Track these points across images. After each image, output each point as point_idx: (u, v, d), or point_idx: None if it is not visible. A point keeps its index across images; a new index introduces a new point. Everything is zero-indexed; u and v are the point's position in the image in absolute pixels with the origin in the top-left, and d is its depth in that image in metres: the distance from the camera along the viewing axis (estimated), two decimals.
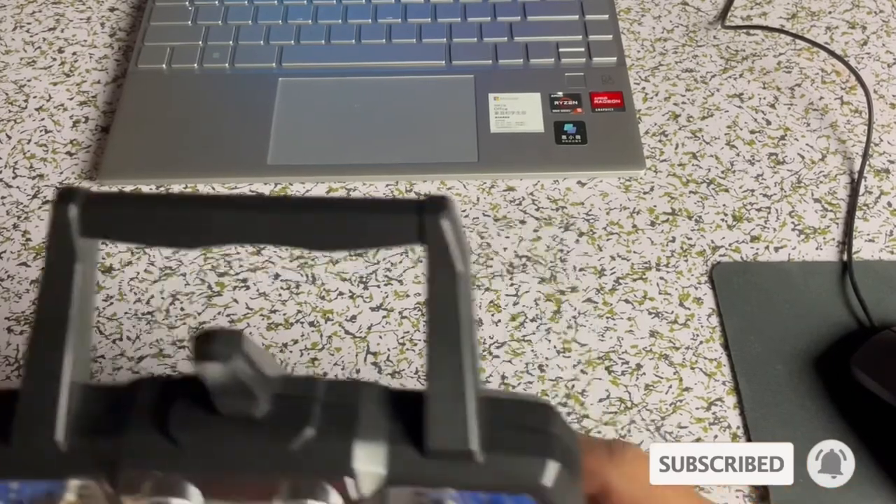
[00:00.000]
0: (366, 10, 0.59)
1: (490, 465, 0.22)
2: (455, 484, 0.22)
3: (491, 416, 0.23)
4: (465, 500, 0.23)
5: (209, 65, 0.55)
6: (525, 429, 0.23)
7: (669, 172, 0.52)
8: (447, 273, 0.22)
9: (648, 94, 0.56)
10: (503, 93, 0.54)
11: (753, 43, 0.59)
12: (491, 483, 0.23)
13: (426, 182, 0.51)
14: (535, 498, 0.23)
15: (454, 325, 0.22)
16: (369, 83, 0.55)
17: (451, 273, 0.22)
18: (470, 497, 0.23)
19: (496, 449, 0.22)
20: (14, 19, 0.60)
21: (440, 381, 0.22)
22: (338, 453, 0.21)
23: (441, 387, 0.22)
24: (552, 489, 0.22)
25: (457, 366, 0.22)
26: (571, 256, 0.48)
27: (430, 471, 0.22)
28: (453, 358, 0.22)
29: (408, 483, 0.22)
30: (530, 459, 0.22)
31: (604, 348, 0.45)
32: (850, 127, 0.54)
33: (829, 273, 0.47)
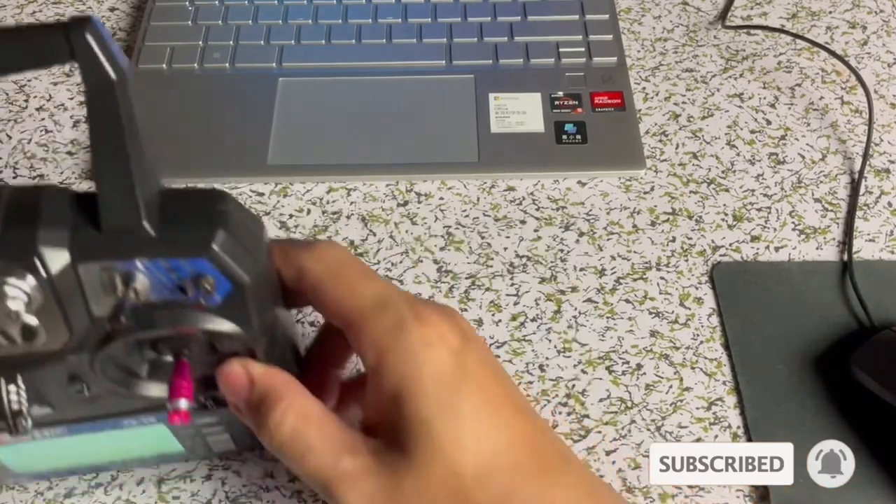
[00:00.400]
0: (366, 10, 0.59)
1: (163, 236, 0.27)
2: (132, 255, 0.27)
3: (166, 201, 0.27)
4: (150, 270, 0.27)
5: (209, 65, 0.55)
6: (196, 207, 0.28)
7: (670, 172, 0.52)
8: (103, 83, 0.24)
9: (649, 94, 0.56)
10: (503, 93, 0.54)
11: (754, 43, 0.59)
12: (165, 251, 0.27)
13: (426, 182, 0.51)
14: (211, 262, 0.27)
15: (117, 127, 0.25)
16: (369, 83, 0.55)
17: (106, 82, 0.24)
18: (153, 266, 0.27)
19: (168, 223, 0.27)
20: (14, 19, 0.60)
21: (108, 173, 0.26)
22: (24, 239, 0.26)
23: (109, 178, 0.26)
24: (222, 254, 0.27)
25: (122, 158, 0.25)
26: (572, 256, 0.48)
27: (108, 246, 0.27)
28: (118, 153, 0.25)
29: (90, 259, 0.27)
30: (199, 228, 0.27)
31: (604, 348, 0.45)
32: (851, 127, 0.54)
33: (829, 273, 0.48)
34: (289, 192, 0.51)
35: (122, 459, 0.39)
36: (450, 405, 0.28)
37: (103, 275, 0.27)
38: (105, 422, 0.34)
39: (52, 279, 0.26)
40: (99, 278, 0.27)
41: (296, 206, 0.50)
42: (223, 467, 0.40)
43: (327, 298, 0.31)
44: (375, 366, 0.29)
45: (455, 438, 0.28)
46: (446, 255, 0.48)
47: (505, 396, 0.30)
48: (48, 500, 0.39)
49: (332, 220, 0.49)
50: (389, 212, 0.50)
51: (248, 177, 0.51)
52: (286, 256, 0.31)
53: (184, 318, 0.29)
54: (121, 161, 0.26)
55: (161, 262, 0.27)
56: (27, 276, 0.26)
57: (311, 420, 0.30)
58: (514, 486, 0.29)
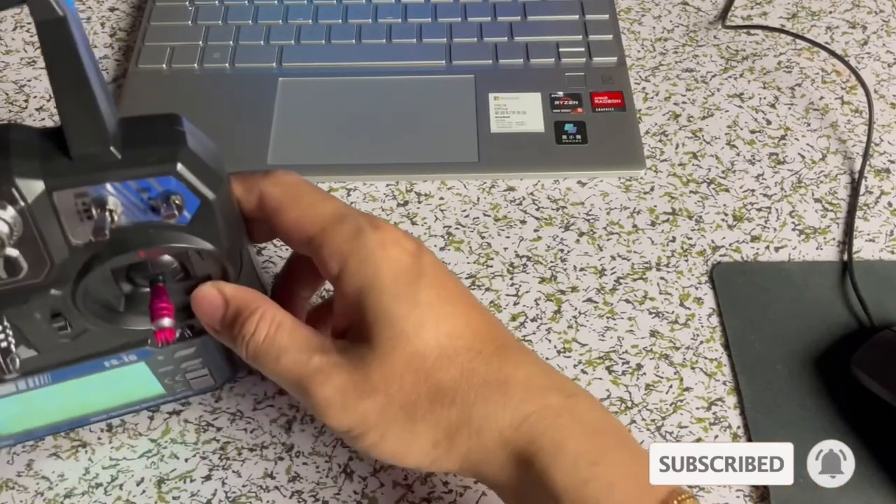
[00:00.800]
0: (366, 9, 0.59)
1: (129, 158, 0.28)
2: (103, 178, 0.28)
3: (126, 128, 0.29)
4: (122, 192, 0.29)
5: (209, 65, 0.55)
6: (156, 130, 0.29)
7: (670, 172, 0.52)
8: (54, 20, 0.25)
9: (649, 94, 0.56)
10: (503, 93, 0.54)
11: (754, 43, 0.59)
12: (133, 172, 0.28)
13: (426, 182, 0.51)
14: (177, 179, 0.29)
15: (75, 59, 0.26)
16: (369, 83, 0.55)
17: (57, 19, 0.25)
18: (124, 188, 0.29)
19: (132, 146, 0.28)
20: (14, 19, 0.60)
21: (71, 104, 0.27)
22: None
23: (73, 108, 0.27)
24: (187, 170, 0.29)
25: (84, 88, 0.27)
26: (572, 256, 0.48)
27: (80, 171, 0.28)
28: (79, 84, 0.26)
29: (63, 185, 0.28)
30: (162, 147, 0.29)
31: (604, 348, 0.45)
32: (851, 127, 0.54)
33: (829, 273, 0.47)
34: None
35: (105, 408, 0.40)
36: (409, 295, 0.30)
37: (77, 202, 0.29)
38: (88, 365, 0.36)
39: (29, 207, 0.28)
40: (74, 205, 0.29)
41: None
42: (223, 467, 0.41)
43: (288, 219, 0.32)
44: (338, 272, 0.31)
45: (416, 323, 0.30)
46: (446, 255, 0.48)
47: (460, 292, 0.32)
48: (48, 500, 0.39)
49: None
50: (389, 212, 0.50)
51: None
52: (245, 184, 0.33)
53: (158, 238, 0.30)
54: (83, 91, 0.27)
55: (131, 183, 0.29)
56: (7, 207, 0.27)
57: (283, 326, 0.32)
58: (475, 364, 0.30)
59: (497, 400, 0.30)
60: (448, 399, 0.30)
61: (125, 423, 0.42)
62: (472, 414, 0.30)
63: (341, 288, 0.31)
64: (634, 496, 0.29)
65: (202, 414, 0.42)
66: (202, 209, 0.30)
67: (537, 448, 0.29)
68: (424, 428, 0.30)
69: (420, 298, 0.31)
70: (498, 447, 0.30)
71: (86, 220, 0.29)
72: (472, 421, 0.30)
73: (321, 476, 0.40)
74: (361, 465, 0.41)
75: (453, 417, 0.30)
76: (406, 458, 0.31)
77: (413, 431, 0.30)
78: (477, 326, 0.32)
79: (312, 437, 0.42)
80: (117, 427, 0.42)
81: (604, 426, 0.31)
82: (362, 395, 0.30)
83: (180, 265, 0.34)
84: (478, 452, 0.30)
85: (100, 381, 0.37)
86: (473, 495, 0.40)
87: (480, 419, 0.30)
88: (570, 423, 0.30)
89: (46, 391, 0.36)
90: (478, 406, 0.30)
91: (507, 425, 0.30)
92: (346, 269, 0.31)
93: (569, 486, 0.28)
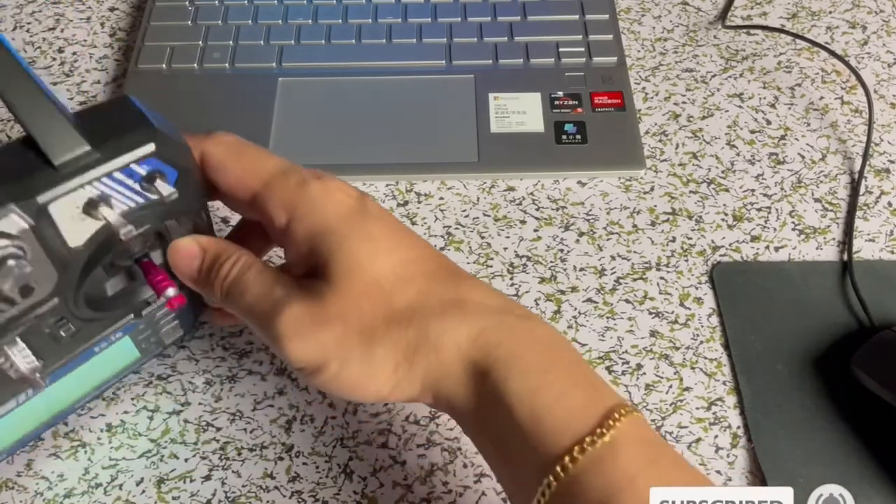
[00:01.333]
0: (366, 9, 0.59)
1: (108, 152, 0.30)
2: (90, 178, 0.29)
3: (89, 122, 0.30)
4: (111, 186, 0.30)
5: (209, 65, 0.55)
6: (118, 117, 0.31)
7: (670, 172, 0.52)
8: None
9: (649, 94, 0.56)
10: (503, 93, 0.54)
11: (754, 43, 0.59)
12: (117, 164, 0.30)
13: (426, 182, 0.51)
14: (157, 158, 0.31)
15: (24, 75, 0.27)
16: (369, 83, 0.55)
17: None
18: (112, 181, 0.30)
19: (105, 139, 0.30)
20: (14, 19, 0.60)
21: (37, 118, 0.28)
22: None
23: (40, 120, 0.28)
24: (161, 149, 0.31)
25: (41, 99, 0.28)
26: (571, 256, 0.48)
27: (67, 178, 0.29)
28: (35, 95, 0.28)
29: (57, 196, 0.29)
30: (133, 134, 0.30)
31: (604, 348, 0.45)
32: (851, 127, 0.54)
33: (829, 273, 0.47)
34: None
35: (88, 391, 0.40)
36: (359, 230, 0.32)
37: (73, 207, 0.30)
38: (81, 356, 0.37)
39: (33, 228, 0.28)
40: (69, 212, 0.30)
41: None
42: (223, 467, 0.40)
43: (231, 176, 0.34)
44: (287, 222, 0.32)
45: (370, 253, 0.31)
46: (447, 254, 0.48)
47: (406, 229, 0.34)
48: (48, 500, 0.39)
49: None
50: (389, 212, 0.50)
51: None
52: (191, 143, 0.34)
53: (153, 218, 0.32)
54: (41, 101, 0.28)
55: (117, 174, 0.30)
56: (13, 233, 0.28)
57: (252, 266, 0.33)
58: (431, 287, 0.31)
59: (454, 315, 0.31)
60: (405, 319, 0.31)
61: (125, 424, 0.42)
62: (429, 331, 0.30)
63: (291, 237, 0.32)
64: (582, 405, 0.29)
65: (202, 414, 0.42)
66: (181, 179, 0.32)
67: (493, 359, 0.30)
68: (383, 352, 0.31)
69: (371, 233, 0.32)
70: (455, 361, 0.30)
71: (80, 222, 0.30)
72: (430, 337, 0.30)
73: (321, 476, 0.40)
74: (361, 465, 0.41)
75: (411, 336, 0.30)
76: (367, 387, 0.31)
77: (372, 356, 0.31)
78: (428, 254, 0.33)
79: (312, 437, 0.42)
80: (117, 427, 0.42)
81: (556, 343, 0.31)
82: (321, 325, 0.30)
83: (157, 236, 0.35)
84: (437, 369, 0.31)
85: (90, 368, 0.38)
86: (473, 496, 0.40)
87: (437, 335, 0.30)
88: (525, 337, 0.31)
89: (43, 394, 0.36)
90: (434, 323, 0.30)
91: (465, 339, 0.30)
92: (294, 218, 0.32)
93: (522, 395, 0.29)
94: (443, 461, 0.41)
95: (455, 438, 0.41)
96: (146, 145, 0.30)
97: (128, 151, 0.30)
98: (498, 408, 0.29)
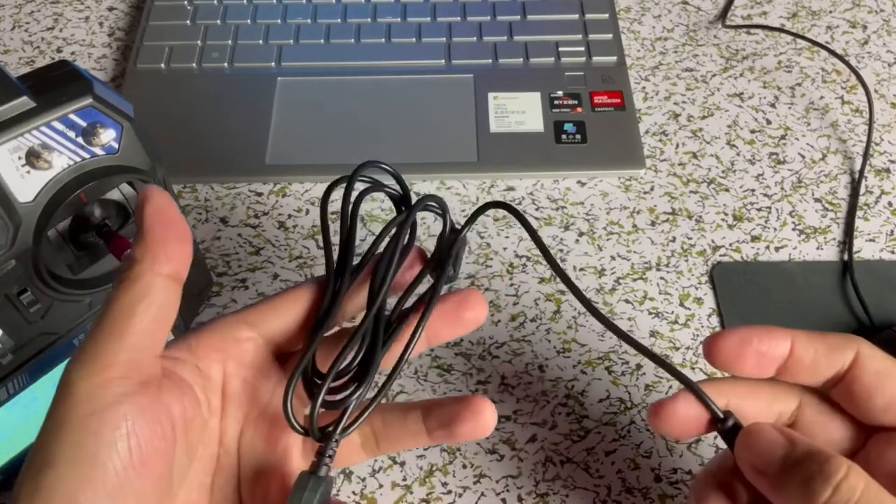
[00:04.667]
0: (365, 9, 0.59)
1: (45, 103, 0.30)
2: (29, 126, 0.30)
3: (29, 82, 0.31)
4: (50, 136, 0.31)
5: (208, 64, 0.55)
6: (57, 76, 0.32)
7: (670, 172, 0.52)
8: None
9: (648, 94, 0.56)
10: (503, 92, 0.54)
11: (754, 42, 0.59)
12: (55, 114, 0.31)
13: (426, 182, 0.51)
14: (96, 107, 0.31)
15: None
16: (369, 83, 0.55)
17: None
18: (50, 130, 0.31)
19: (43, 93, 0.31)
20: (13, 19, 0.60)
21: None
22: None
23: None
24: (100, 99, 0.32)
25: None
26: (571, 256, 0.48)
27: (4, 126, 0.30)
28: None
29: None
30: (70, 86, 0.31)
31: (604, 348, 0.45)
32: (851, 126, 0.54)
33: (829, 273, 0.47)
34: (287, 192, 0.51)
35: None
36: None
37: (14, 157, 0.30)
38: (60, 350, 0.37)
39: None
40: (11, 162, 0.30)
41: (294, 206, 0.50)
42: None
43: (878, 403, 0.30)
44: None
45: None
46: None
47: None
48: None
49: (332, 220, 0.49)
50: (389, 212, 0.50)
51: (247, 177, 0.51)
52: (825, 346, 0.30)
53: (97, 172, 0.32)
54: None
55: (56, 124, 0.31)
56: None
57: (873, 484, 0.26)
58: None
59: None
60: None
61: None
62: None
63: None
64: None
65: None
66: (125, 134, 0.33)
67: None
68: None
69: None
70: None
71: (26, 175, 0.31)
72: None
73: None
74: (360, 465, 0.41)
75: None
76: None
77: None
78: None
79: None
80: None
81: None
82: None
83: (118, 208, 0.35)
84: None
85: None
86: (473, 496, 0.40)
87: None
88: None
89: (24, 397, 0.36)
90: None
91: None
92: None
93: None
94: (442, 461, 0.41)
95: None
96: (85, 95, 0.31)
97: (66, 102, 0.31)
98: None
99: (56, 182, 0.31)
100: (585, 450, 0.41)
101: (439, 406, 0.30)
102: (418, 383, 0.43)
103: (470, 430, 0.29)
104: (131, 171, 0.34)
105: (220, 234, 0.49)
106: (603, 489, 0.40)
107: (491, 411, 0.29)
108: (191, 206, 0.50)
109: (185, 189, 0.51)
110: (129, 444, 0.24)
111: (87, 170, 0.32)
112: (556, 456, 0.41)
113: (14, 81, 0.30)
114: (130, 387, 0.24)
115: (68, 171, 0.32)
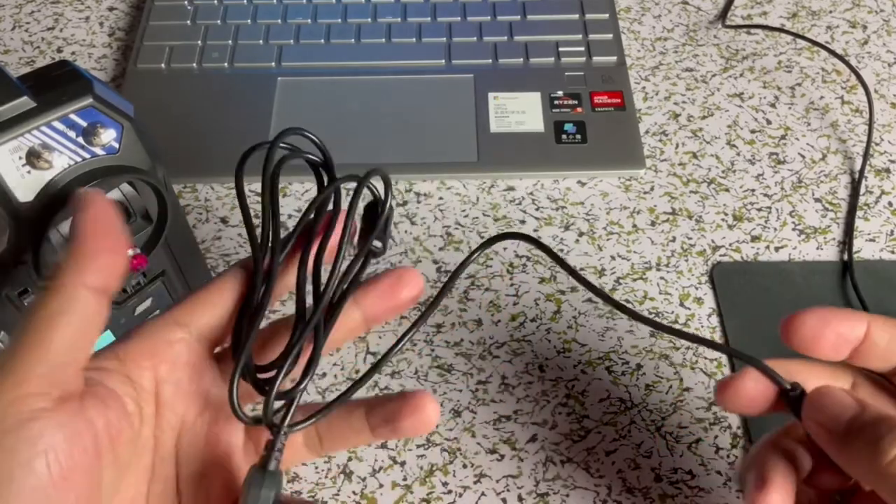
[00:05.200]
0: (365, 9, 0.59)
1: (45, 103, 0.31)
2: (29, 126, 0.30)
3: (30, 83, 0.31)
4: (51, 136, 0.31)
5: (208, 64, 0.55)
6: (57, 76, 0.32)
7: (670, 172, 0.52)
8: None
9: (649, 94, 0.56)
10: (503, 92, 0.54)
11: (754, 42, 0.59)
12: (55, 113, 0.31)
13: (426, 182, 0.51)
14: (95, 107, 0.31)
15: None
16: (369, 83, 0.55)
17: None
18: (51, 130, 0.31)
19: (43, 93, 0.31)
20: (13, 19, 0.60)
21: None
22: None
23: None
24: (100, 99, 0.31)
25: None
26: (571, 256, 0.48)
27: (5, 127, 0.30)
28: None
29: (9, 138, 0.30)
30: (70, 86, 0.31)
31: (604, 348, 0.45)
32: (851, 126, 0.54)
33: (829, 273, 0.47)
34: (288, 192, 0.51)
35: None
36: None
37: (14, 157, 0.30)
38: None
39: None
40: (11, 161, 0.30)
41: (294, 205, 0.50)
42: None
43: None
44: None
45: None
46: (445, 254, 0.48)
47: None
48: None
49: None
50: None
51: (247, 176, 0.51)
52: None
53: (97, 172, 0.32)
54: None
55: (56, 123, 0.31)
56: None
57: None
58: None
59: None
60: None
61: None
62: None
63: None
64: None
65: None
66: (126, 134, 0.33)
67: None
68: None
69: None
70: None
71: (26, 175, 0.31)
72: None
73: (320, 476, 0.40)
74: (360, 465, 0.41)
75: None
76: None
77: None
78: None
79: None
80: None
81: None
82: None
83: (120, 206, 0.35)
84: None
85: None
86: (473, 496, 0.40)
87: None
88: None
89: None
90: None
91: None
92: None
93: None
94: (442, 461, 0.41)
95: (455, 439, 0.41)
96: (84, 95, 0.31)
97: (66, 101, 0.31)
98: None
99: (56, 182, 0.31)
100: (586, 450, 0.41)
101: (382, 403, 0.30)
102: (418, 383, 0.43)
103: (412, 425, 0.29)
104: (132, 171, 0.34)
105: (220, 234, 0.49)
106: (603, 489, 0.40)
107: (433, 406, 0.29)
108: (191, 206, 0.50)
109: (185, 189, 0.51)
110: (48, 460, 0.23)
111: (87, 170, 0.32)
112: (556, 456, 0.41)
113: (14, 81, 0.30)
114: (48, 402, 0.24)
115: (69, 171, 0.32)
